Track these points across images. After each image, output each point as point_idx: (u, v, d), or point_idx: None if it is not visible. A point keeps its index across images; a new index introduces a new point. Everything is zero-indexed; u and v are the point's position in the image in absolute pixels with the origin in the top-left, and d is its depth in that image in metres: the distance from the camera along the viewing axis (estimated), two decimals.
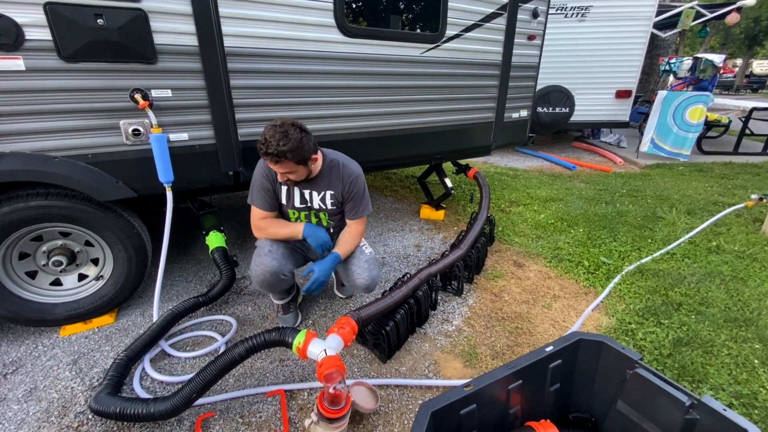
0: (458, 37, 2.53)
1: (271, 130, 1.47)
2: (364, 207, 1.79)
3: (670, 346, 1.81)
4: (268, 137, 1.46)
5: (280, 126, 1.47)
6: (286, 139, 1.45)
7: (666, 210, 3.50)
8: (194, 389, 1.33)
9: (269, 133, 1.46)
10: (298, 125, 1.51)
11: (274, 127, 1.47)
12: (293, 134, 1.47)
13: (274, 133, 1.45)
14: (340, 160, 1.74)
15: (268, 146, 1.46)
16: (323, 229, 1.80)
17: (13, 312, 1.75)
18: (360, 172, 1.77)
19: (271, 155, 1.47)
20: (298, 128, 1.50)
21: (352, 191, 1.74)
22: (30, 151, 1.58)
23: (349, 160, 1.77)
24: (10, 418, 1.45)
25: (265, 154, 1.48)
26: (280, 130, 1.46)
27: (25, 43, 1.46)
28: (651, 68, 7.92)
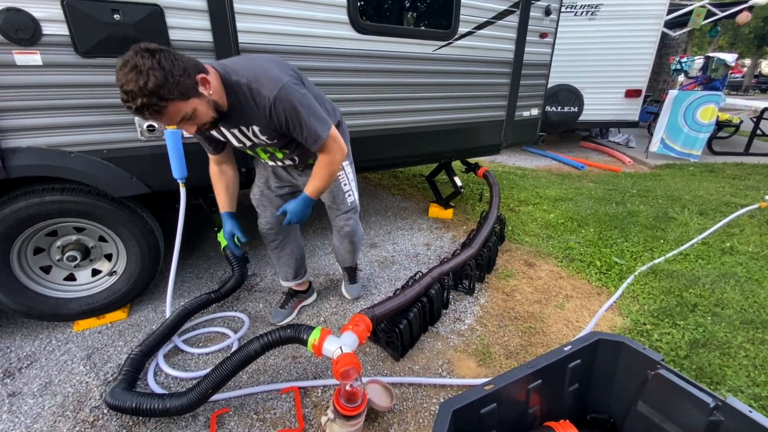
0: (471, 35, 2.51)
1: (119, 73, 1.00)
2: (316, 129, 1.29)
3: (687, 347, 1.79)
4: (122, 83, 1.00)
5: (125, 62, 1.00)
6: (141, 75, 0.99)
7: (678, 210, 3.46)
8: (210, 385, 1.33)
9: (121, 79, 1.00)
10: (147, 48, 1.02)
11: (122, 68, 1.00)
12: (147, 63, 1.00)
13: (126, 76, 0.99)
14: (244, 80, 1.20)
15: (130, 97, 1.01)
16: (233, 225, 1.63)
17: (27, 306, 1.76)
18: (280, 87, 1.20)
19: (141, 108, 1.02)
20: (148, 52, 1.01)
21: (282, 120, 1.25)
22: (46, 146, 1.58)
23: (259, 74, 1.22)
24: (25, 412, 1.45)
25: (136, 112, 1.04)
26: (129, 66, 0.99)
27: (42, 38, 1.46)
28: (660, 67, 7.84)
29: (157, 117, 1.08)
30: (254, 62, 1.26)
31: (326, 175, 1.43)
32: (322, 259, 2.62)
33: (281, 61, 1.33)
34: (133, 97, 1.01)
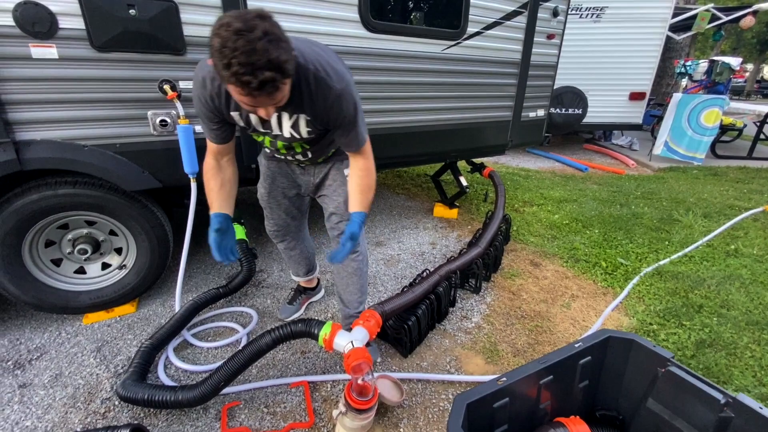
0: (479, 35, 2.52)
1: (240, 39, 0.81)
2: (362, 132, 1.26)
3: (694, 347, 1.80)
4: (245, 51, 0.82)
5: (251, 26, 0.83)
6: (273, 45, 0.85)
7: (682, 213, 3.47)
8: (222, 377, 1.34)
9: (242, 46, 0.82)
10: (264, 14, 0.87)
11: (245, 33, 0.82)
12: (277, 31, 0.87)
13: (253, 43, 0.82)
14: (312, 66, 1.09)
15: (253, 69, 0.84)
16: (224, 233, 1.32)
17: (38, 298, 1.77)
18: (347, 83, 1.15)
19: (262, 84, 0.87)
20: (268, 19, 0.87)
21: (337, 115, 1.17)
22: (60, 139, 1.59)
23: (325, 64, 1.11)
24: (37, 403, 1.46)
25: (252, 88, 0.87)
26: (259, 32, 0.83)
27: (58, 31, 1.48)
28: (664, 71, 7.86)
29: (269, 97, 0.93)
30: (319, 49, 1.15)
31: (371, 183, 1.33)
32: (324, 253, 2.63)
33: (338, 56, 1.22)
34: (259, 68, 0.84)
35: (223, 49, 0.84)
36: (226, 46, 0.83)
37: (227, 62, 0.84)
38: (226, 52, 0.83)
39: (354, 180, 1.34)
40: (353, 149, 1.30)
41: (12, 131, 1.50)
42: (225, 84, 0.94)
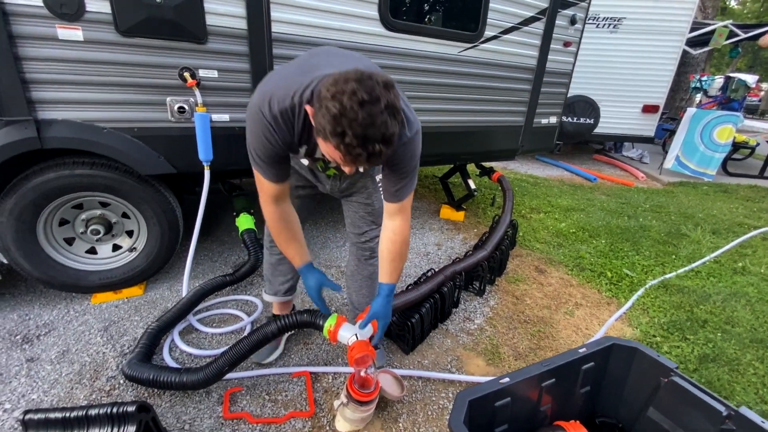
0: (496, 39, 2.53)
1: (362, 111, 0.78)
2: (412, 182, 1.17)
3: (696, 361, 1.79)
4: (365, 124, 0.79)
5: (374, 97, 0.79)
6: (393, 120, 0.83)
7: (690, 228, 3.45)
8: (227, 362, 1.36)
9: (363, 119, 0.79)
10: (391, 83, 0.84)
11: (369, 105, 0.78)
12: (398, 103, 0.84)
13: (376, 117, 0.79)
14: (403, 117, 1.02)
15: (365, 141, 0.81)
16: (317, 276, 1.31)
17: (49, 276, 1.80)
18: (417, 129, 1.10)
19: (372, 155, 0.83)
20: (392, 89, 0.84)
21: (398, 161, 1.09)
22: (80, 120, 1.62)
23: (404, 110, 1.04)
24: (43, 378, 1.49)
25: (359, 158, 0.84)
26: (382, 104, 0.80)
27: (85, 14, 1.51)
28: (679, 85, 7.80)
29: (369, 165, 0.88)
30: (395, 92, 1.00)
31: (404, 252, 1.24)
32: (333, 251, 2.65)
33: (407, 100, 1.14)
34: (372, 142, 0.81)
35: (341, 118, 0.79)
36: (345, 116, 0.78)
37: (342, 131, 0.80)
38: (343, 122, 0.79)
39: (385, 244, 1.23)
40: (395, 199, 1.18)
41: (34, 109, 1.53)
42: (326, 144, 0.87)
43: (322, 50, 1.21)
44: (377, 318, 1.25)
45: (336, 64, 1.02)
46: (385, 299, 1.25)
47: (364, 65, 1.05)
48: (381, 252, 1.26)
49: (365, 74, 0.82)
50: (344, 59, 1.11)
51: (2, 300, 1.89)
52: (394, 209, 1.20)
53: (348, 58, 1.14)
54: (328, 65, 1.03)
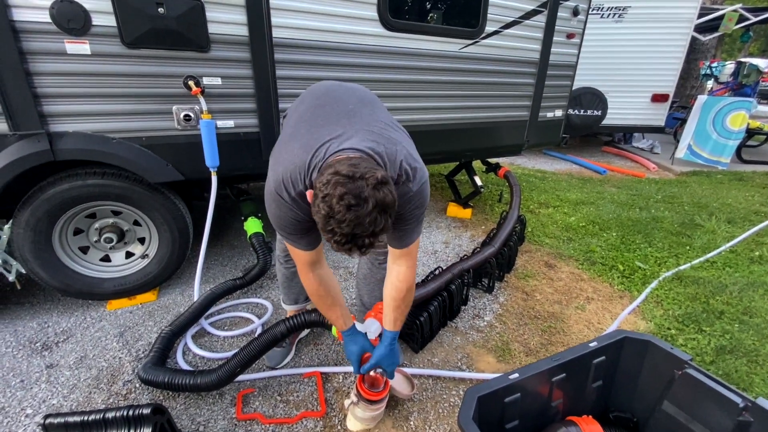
0: (497, 34, 2.52)
1: (353, 211, 0.82)
2: (416, 233, 1.17)
3: (713, 353, 1.75)
4: (354, 223, 0.83)
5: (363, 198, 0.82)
6: (383, 217, 0.86)
7: (705, 218, 3.38)
8: (238, 363, 1.38)
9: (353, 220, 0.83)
10: (385, 181, 0.86)
11: (361, 206, 0.82)
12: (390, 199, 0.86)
13: (365, 216, 0.83)
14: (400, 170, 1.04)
15: (354, 236, 0.85)
16: (361, 341, 1.30)
17: (65, 284, 1.85)
18: (423, 182, 1.10)
19: (361, 247, 0.88)
20: (387, 186, 0.86)
21: (404, 210, 1.08)
22: (91, 131, 1.67)
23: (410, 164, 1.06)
24: (63, 383, 1.53)
25: (350, 247, 0.88)
26: (371, 204, 0.83)
27: (91, 28, 1.55)
28: (689, 72, 7.63)
29: (366, 252, 0.91)
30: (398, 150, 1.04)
31: (409, 299, 1.24)
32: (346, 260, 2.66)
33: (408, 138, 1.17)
34: (360, 238, 0.85)
35: (329, 219, 0.83)
36: (333, 217, 0.83)
37: (331, 229, 0.85)
38: (331, 223, 0.84)
39: (389, 291, 1.23)
40: (399, 245, 1.17)
41: (46, 123, 1.58)
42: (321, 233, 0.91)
43: (326, 100, 1.17)
44: (381, 364, 1.25)
45: (338, 129, 1.02)
46: (388, 348, 1.26)
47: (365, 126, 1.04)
48: (385, 298, 1.26)
49: (356, 175, 0.84)
50: (348, 119, 1.07)
51: (22, 309, 1.95)
52: (398, 253, 1.19)
53: (352, 118, 1.08)
54: (330, 133, 1.02)
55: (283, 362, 1.64)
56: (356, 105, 1.14)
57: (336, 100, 1.16)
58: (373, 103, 1.20)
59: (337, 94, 1.19)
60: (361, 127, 1.04)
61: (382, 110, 1.20)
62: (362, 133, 1.02)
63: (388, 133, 1.07)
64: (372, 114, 1.12)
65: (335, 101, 1.15)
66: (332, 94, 1.20)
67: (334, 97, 1.17)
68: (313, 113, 1.13)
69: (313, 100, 1.20)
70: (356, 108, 1.12)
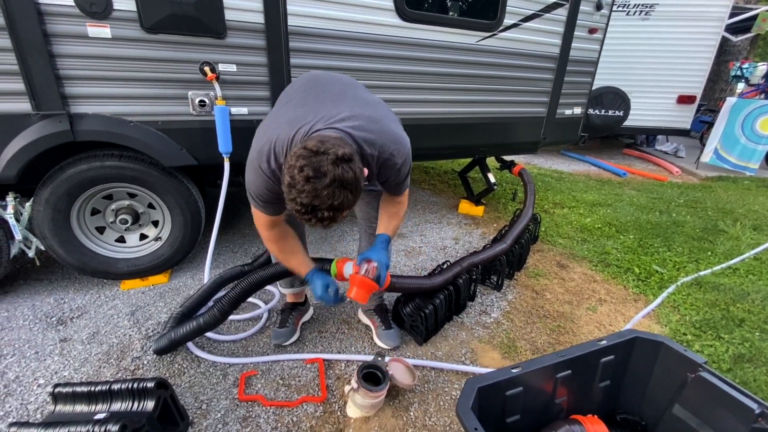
0: (516, 27, 2.46)
1: (309, 184, 0.89)
2: (406, 183, 1.34)
3: (731, 360, 1.68)
4: (312, 196, 0.90)
5: (321, 172, 0.89)
6: (341, 191, 0.92)
7: (729, 224, 3.24)
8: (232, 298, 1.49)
9: (309, 191, 0.90)
10: (345, 157, 0.92)
11: (316, 179, 0.89)
12: (349, 175, 0.92)
13: (322, 190, 0.89)
14: (377, 153, 1.14)
15: (313, 209, 0.92)
16: (324, 275, 1.34)
17: (82, 262, 1.90)
18: (407, 155, 1.23)
19: (322, 220, 0.95)
20: (347, 162, 0.92)
21: (390, 174, 1.23)
22: (110, 114, 1.71)
23: (389, 143, 1.16)
24: (75, 356, 1.58)
25: (314, 221, 0.95)
26: (329, 179, 0.89)
27: (113, 12, 1.58)
28: (718, 75, 7.35)
29: (329, 225, 0.98)
30: (380, 126, 1.14)
31: (400, 212, 1.41)
32: (350, 244, 2.66)
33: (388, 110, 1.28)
34: (319, 210, 0.92)
35: (290, 188, 0.92)
36: (293, 186, 0.91)
37: (293, 198, 0.93)
38: (292, 192, 0.92)
39: (383, 205, 1.42)
40: (395, 191, 1.36)
41: (67, 104, 1.63)
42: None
43: (316, 84, 1.28)
44: (372, 259, 1.29)
45: (323, 111, 1.11)
46: (380, 245, 1.35)
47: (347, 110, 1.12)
48: (382, 210, 1.42)
49: (320, 150, 0.91)
50: (333, 102, 1.16)
51: (40, 285, 2.02)
52: (396, 196, 1.39)
53: (338, 100, 1.17)
54: (312, 113, 1.11)
55: (287, 342, 1.67)
56: (342, 88, 1.23)
57: (323, 84, 1.26)
58: (355, 86, 1.30)
59: (324, 80, 1.31)
60: (345, 108, 1.12)
61: (364, 91, 1.31)
62: (345, 113, 1.10)
63: (369, 113, 1.16)
64: (355, 96, 1.22)
65: (322, 86, 1.25)
66: (317, 80, 1.31)
67: (321, 83, 1.28)
68: (301, 96, 1.23)
69: (302, 85, 1.31)
70: (342, 90, 1.22)
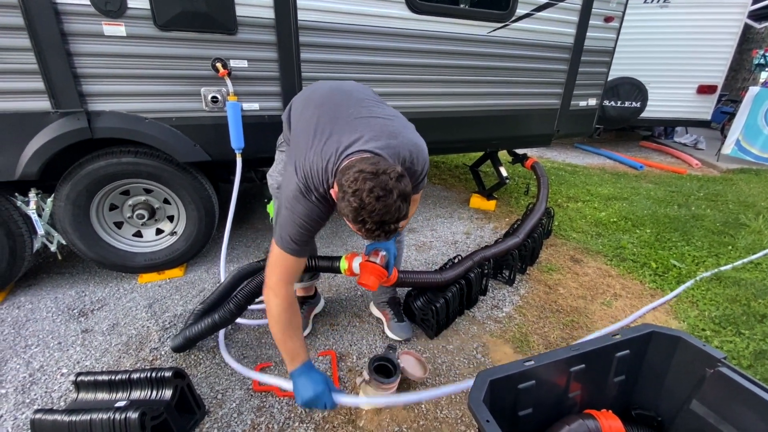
0: (529, 17, 2.41)
1: (379, 202, 0.91)
2: (422, 182, 1.34)
3: (751, 357, 1.63)
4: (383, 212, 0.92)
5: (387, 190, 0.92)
6: (405, 204, 0.96)
7: (751, 217, 3.14)
8: (244, 297, 1.50)
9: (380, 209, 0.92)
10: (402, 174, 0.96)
11: (386, 197, 0.92)
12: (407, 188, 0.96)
13: (391, 205, 0.93)
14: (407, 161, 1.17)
15: (385, 224, 0.95)
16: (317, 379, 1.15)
17: (101, 256, 1.96)
18: (426, 162, 1.26)
19: (390, 232, 0.98)
20: (403, 178, 0.96)
21: (416, 186, 1.28)
22: (125, 111, 1.75)
23: (415, 150, 1.20)
24: (96, 347, 1.63)
25: (381, 235, 0.98)
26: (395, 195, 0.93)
27: (127, 11, 1.61)
28: (740, 64, 7.08)
29: (393, 235, 1.01)
30: (400, 140, 1.15)
31: (413, 211, 1.41)
32: (359, 239, 2.67)
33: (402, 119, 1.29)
34: (389, 224, 0.95)
35: (360, 210, 0.93)
36: (364, 209, 0.92)
37: (362, 220, 0.94)
38: (363, 214, 0.93)
39: None
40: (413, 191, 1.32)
41: (85, 102, 1.67)
42: (349, 224, 1.00)
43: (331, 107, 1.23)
44: (380, 248, 1.32)
45: (346, 135, 1.11)
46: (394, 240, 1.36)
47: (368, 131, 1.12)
48: None
49: (380, 171, 0.94)
50: (350, 124, 1.15)
51: (62, 278, 2.09)
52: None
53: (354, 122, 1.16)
54: (334, 142, 1.11)
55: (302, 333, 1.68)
56: (355, 108, 1.22)
57: (337, 105, 1.24)
58: (366, 100, 1.28)
59: (337, 100, 1.27)
60: (365, 130, 1.13)
61: (377, 105, 1.28)
62: (367, 135, 1.11)
63: (388, 129, 1.16)
64: (370, 113, 1.21)
65: (336, 106, 1.23)
66: (333, 99, 1.27)
67: (335, 103, 1.25)
68: (318, 121, 1.19)
69: (315, 108, 1.26)
70: (357, 110, 1.21)
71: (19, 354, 1.57)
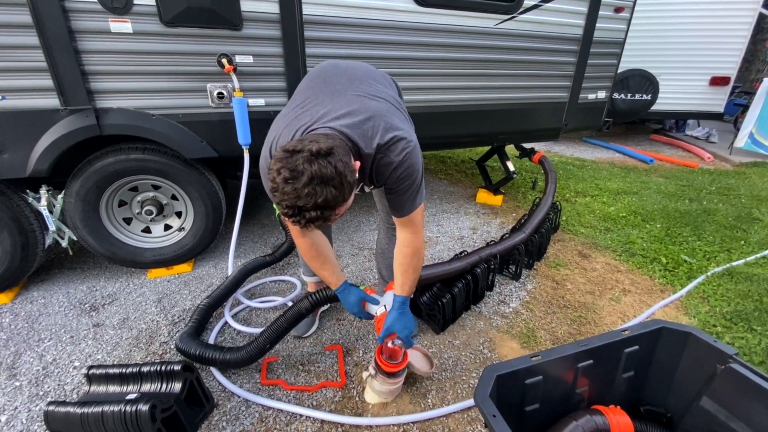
0: (536, 8, 2.37)
1: (288, 185, 0.85)
2: (413, 202, 1.16)
3: (763, 353, 1.61)
4: (293, 198, 0.86)
5: (298, 172, 0.85)
6: (322, 189, 0.86)
7: (764, 212, 3.08)
8: (267, 340, 1.42)
9: (289, 193, 0.86)
10: (321, 151, 0.86)
11: (294, 180, 0.85)
12: (327, 171, 0.86)
13: (300, 190, 0.85)
14: (373, 152, 1.05)
15: (298, 211, 0.88)
16: (356, 292, 1.36)
17: (111, 252, 1.98)
18: (406, 153, 1.08)
19: (309, 221, 0.90)
20: (324, 157, 0.87)
21: (392, 181, 1.11)
22: (133, 108, 1.76)
23: (387, 137, 1.06)
24: (107, 341, 1.66)
25: (301, 223, 0.90)
26: (305, 178, 0.85)
27: (133, 7, 1.61)
28: (754, 55, 6.90)
29: (318, 227, 0.94)
30: (376, 122, 1.06)
31: (417, 264, 1.25)
32: (366, 234, 2.67)
33: (399, 104, 1.21)
34: (305, 211, 0.88)
35: (274, 192, 0.89)
36: (276, 190, 0.88)
37: (278, 202, 0.89)
38: (276, 195, 0.89)
39: (397, 257, 1.27)
40: (399, 214, 1.19)
41: (93, 99, 1.68)
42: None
43: (322, 80, 1.21)
44: (394, 332, 1.26)
45: (319, 110, 1.07)
46: (398, 312, 1.28)
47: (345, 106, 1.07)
48: (394, 264, 1.30)
49: (296, 149, 0.87)
50: (331, 99, 1.11)
51: (74, 273, 2.12)
52: (400, 221, 1.23)
53: (335, 98, 1.12)
54: (309, 114, 1.08)
55: (308, 332, 1.69)
56: (343, 84, 1.17)
57: (324, 80, 1.20)
58: (362, 78, 1.22)
59: (328, 75, 1.23)
60: (343, 105, 1.08)
61: (369, 84, 1.20)
62: (339, 111, 1.06)
63: (367, 108, 1.08)
64: (356, 91, 1.15)
65: (326, 81, 1.19)
66: (323, 75, 1.24)
67: (324, 78, 1.21)
68: (302, 95, 1.19)
69: (307, 81, 1.26)
70: (341, 88, 1.15)
71: (32, 347, 1.61)
